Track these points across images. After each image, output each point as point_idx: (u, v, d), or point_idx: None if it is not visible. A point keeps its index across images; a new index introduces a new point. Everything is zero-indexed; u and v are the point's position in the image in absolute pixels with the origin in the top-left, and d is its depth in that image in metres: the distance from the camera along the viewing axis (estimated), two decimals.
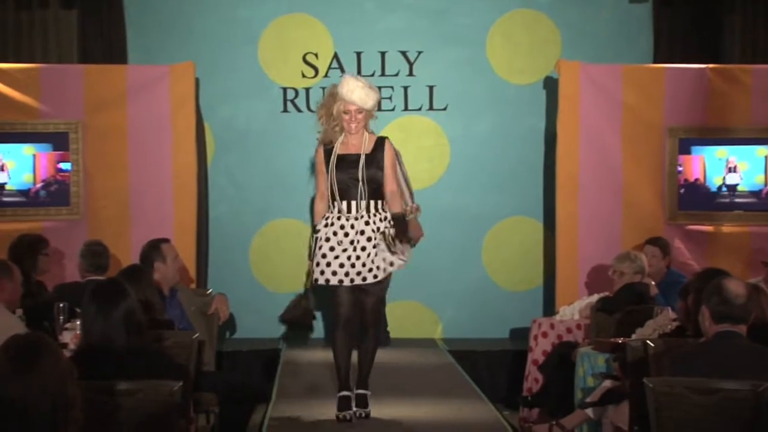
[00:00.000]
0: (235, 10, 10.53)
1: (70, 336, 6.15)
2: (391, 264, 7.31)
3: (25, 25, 10.87)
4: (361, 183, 7.21)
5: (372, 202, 7.28)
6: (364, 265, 7.19)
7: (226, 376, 7.57)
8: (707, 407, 5.16)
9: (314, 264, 7.27)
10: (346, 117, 7.19)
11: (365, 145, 7.31)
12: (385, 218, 7.34)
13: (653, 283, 8.50)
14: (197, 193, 9.83)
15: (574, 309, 9.12)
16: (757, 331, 5.75)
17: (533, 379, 8.48)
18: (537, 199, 10.65)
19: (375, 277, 7.22)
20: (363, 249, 7.20)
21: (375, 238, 7.24)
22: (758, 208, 9.91)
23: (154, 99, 9.65)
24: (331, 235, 7.22)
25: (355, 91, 7.17)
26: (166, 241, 8.26)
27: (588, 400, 7.05)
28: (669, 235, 9.44)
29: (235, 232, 10.58)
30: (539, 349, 8.58)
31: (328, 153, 7.33)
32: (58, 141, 9.62)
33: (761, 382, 5.12)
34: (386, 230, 7.31)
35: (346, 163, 7.26)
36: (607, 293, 8.62)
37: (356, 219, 7.25)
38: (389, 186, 7.40)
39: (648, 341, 6.37)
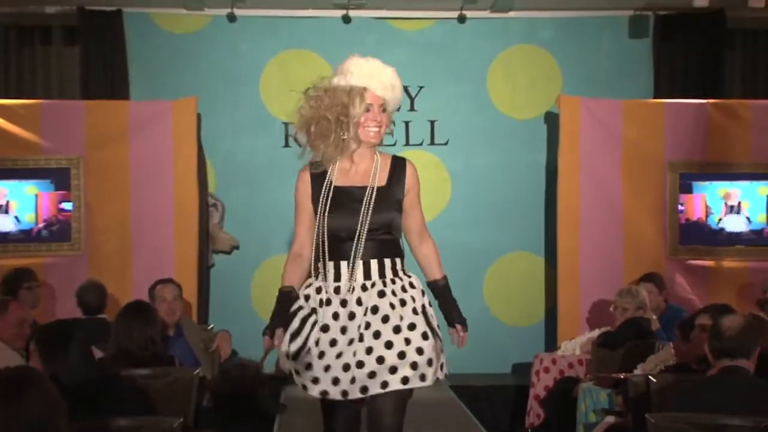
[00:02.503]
0: (237, 46, 10.58)
1: None
2: (433, 368, 4.61)
3: (27, 61, 10.96)
4: (367, 233, 4.65)
5: (387, 262, 4.70)
6: (380, 360, 4.48)
7: (225, 412, 7.54)
8: None
9: (300, 363, 4.66)
10: (364, 118, 4.63)
11: (377, 172, 4.75)
12: (411, 284, 4.74)
13: (655, 317, 8.50)
14: (198, 228, 9.83)
15: (575, 344, 9.12)
16: (762, 363, 5.76)
17: (535, 415, 8.46)
18: (538, 234, 10.65)
19: (404, 381, 4.50)
20: (377, 336, 4.53)
21: (401, 318, 4.57)
22: (758, 243, 9.92)
23: (156, 134, 9.65)
24: (330, 320, 4.61)
25: (382, 74, 4.74)
26: (163, 282, 8.27)
27: None
28: (670, 269, 9.45)
29: (237, 266, 10.57)
30: (541, 384, 8.58)
31: (317, 182, 4.78)
32: (59, 177, 9.61)
33: (763, 418, 5.14)
34: (420, 303, 4.71)
35: (348, 201, 4.69)
36: (608, 328, 8.61)
37: (363, 289, 4.62)
38: (415, 224, 4.90)
39: (650, 376, 6.38)
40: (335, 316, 4.67)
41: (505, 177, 10.61)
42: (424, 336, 4.64)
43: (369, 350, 4.56)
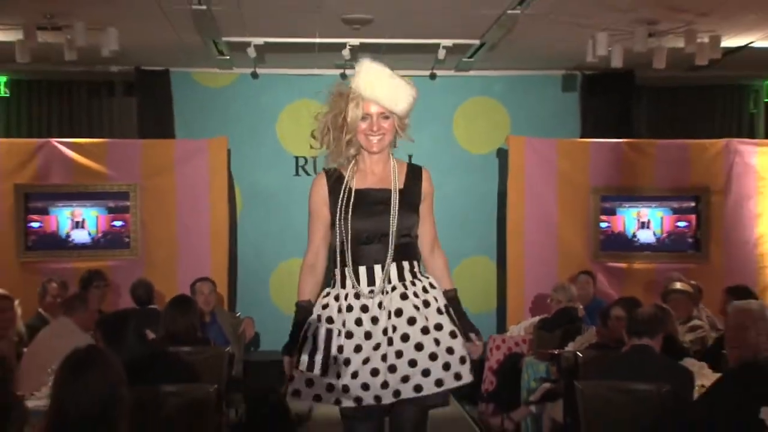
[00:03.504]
0: (258, 97, 10.59)
1: None
2: (467, 365, 3.73)
3: (95, 109, 10.95)
4: (392, 237, 3.75)
5: (406, 264, 3.81)
6: (413, 364, 3.63)
7: (250, 382, 7.54)
8: (623, 404, 5.19)
9: (317, 373, 3.70)
10: (364, 125, 3.79)
11: (396, 176, 3.90)
12: (431, 285, 3.86)
13: (582, 307, 8.53)
14: (228, 239, 9.85)
15: (520, 327, 9.14)
16: (666, 344, 5.80)
17: (489, 382, 8.45)
18: (492, 243, 10.66)
19: (438, 383, 3.64)
20: (405, 339, 3.66)
21: (426, 319, 3.71)
22: (660, 250, 9.97)
23: (195, 166, 9.68)
24: (353, 326, 3.71)
25: (379, 83, 3.79)
26: (201, 279, 8.30)
27: (531, 398, 7.06)
28: (593, 270, 9.47)
29: (258, 268, 10.56)
30: (494, 358, 8.57)
31: (335, 186, 3.85)
32: (120, 199, 9.65)
33: (663, 384, 5.18)
34: (443, 303, 3.83)
35: (369, 204, 3.81)
36: (546, 315, 8.63)
37: (384, 294, 3.73)
38: (429, 236, 4.01)
39: (578, 352, 6.41)
40: (358, 322, 3.72)
41: (466, 198, 10.62)
42: (453, 335, 3.73)
43: (399, 354, 3.65)
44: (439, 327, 3.73)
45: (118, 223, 9.70)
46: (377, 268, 3.77)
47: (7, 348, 6.11)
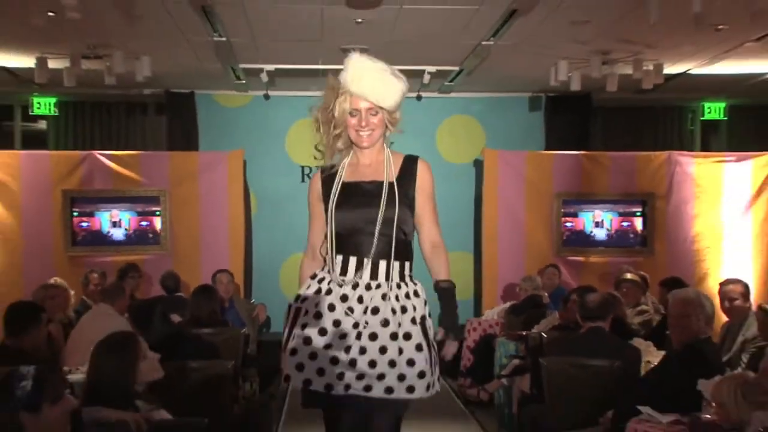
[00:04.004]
0: (270, 115, 10.56)
1: None
2: (425, 381, 3.23)
3: (131, 126, 10.95)
4: (379, 229, 3.24)
5: (396, 264, 3.28)
6: (372, 365, 3.17)
7: (263, 359, 7.53)
8: (581, 377, 5.21)
9: (287, 350, 3.27)
10: (353, 120, 3.30)
11: (388, 168, 3.37)
12: (416, 293, 3.33)
13: (546, 294, 8.53)
14: (244, 237, 9.82)
15: (494, 312, 9.14)
16: (616, 325, 5.81)
17: (467, 359, 8.44)
18: (470, 241, 10.66)
19: (388, 390, 3.18)
20: (373, 338, 3.19)
21: (399, 325, 3.21)
22: (612, 245, 9.98)
23: (216, 175, 9.64)
24: (324, 309, 3.24)
25: (366, 77, 3.26)
26: (221, 271, 8.29)
27: (503, 372, 7.04)
28: (556, 263, 9.48)
29: (269, 261, 10.54)
30: (471, 338, 8.56)
31: (327, 181, 3.40)
32: (152, 202, 9.63)
33: (615, 360, 5.18)
34: (420, 314, 3.30)
35: (357, 195, 3.32)
36: (515, 302, 8.64)
37: (367, 289, 3.24)
38: (429, 234, 3.45)
39: (543, 333, 6.42)
40: (330, 307, 3.22)
41: (448, 202, 10.48)
42: (418, 347, 3.21)
43: (363, 350, 3.16)
44: (407, 336, 3.21)
45: (144, 223, 9.68)
46: (365, 261, 3.24)
47: (55, 330, 6.09)
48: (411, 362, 3.20)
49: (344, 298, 3.23)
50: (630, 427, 4.17)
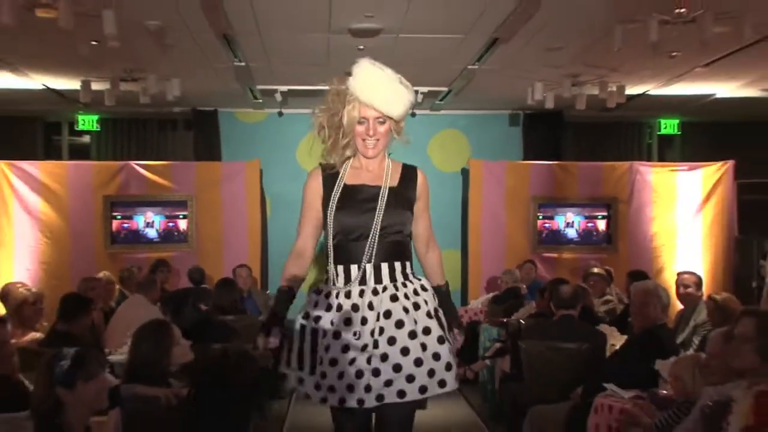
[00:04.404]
0: (283, 130, 10.45)
1: None
2: (452, 372, 2.89)
3: (162, 139, 10.97)
4: (380, 232, 2.89)
5: (398, 265, 2.93)
6: (398, 369, 2.79)
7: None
8: (555, 358, 5.23)
9: (306, 372, 2.86)
10: (361, 129, 2.96)
11: (389, 175, 3.05)
12: (423, 287, 2.99)
13: (524, 286, 8.55)
14: (261, 236, 9.83)
15: (478, 302, 9.17)
16: (585, 314, 5.83)
17: None
18: (458, 239, 10.65)
19: (422, 390, 2.81)
20: (392, 342, 2.80)
21: (415, 322, 2.85)
22: (581, 244, 9.99)
23: (236, 182, 9.66)
24: (342, 326, 2.84)
25: (376, 87, 2.93)
26: (240, 266, 8.31)
27: (487, 354, 7.07)
28: (533, 259, 9.50)
29: (283, 257, 10.14)
30: None
31: (328, 181, 3.01)
32: (181, 206, 9.63)
33: (584, 343, 5.20)
34: (433, 306, 2.96)
35: (359, 199, 2.95)
36: (497, 293, 8.67)
37: (374, 293, 2.87)
38: (426, 238, 3.17)
39: (521, 320, 6.44)
40: (347, 322, 2.80)
41: (439, 205, 10.39)
42: (440, 340, 2.84)
43: (384, 357, 2.75)
44: (427, 331, 2.83)
45: (171, 224, 9.68)
46: (368, 267, 2.83)
47: (97, 317, 6.14)
48: (437, 356, 2.83)
49: (355, 308, 2.82)
50: (597, 402, 4.20)
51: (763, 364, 3.17)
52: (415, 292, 2.93)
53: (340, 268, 2.90)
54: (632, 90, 9.13)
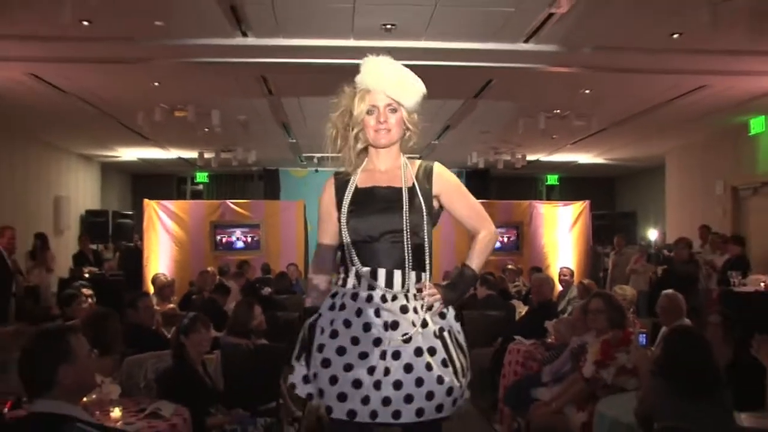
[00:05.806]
0: (320, 181, 10.43)
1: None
2: (452, 397, 1.47)
3: (242, 188, 11.10)
4: (394, 236, 1.51)
5: (412, 275, 1.51)
6: (398, 386, 1.41)
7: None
8: (483, 320, 5.07)
9: (310, 372, 1.50)
10: (371, 119, 1.59)
11: (405, 174, 1.62)
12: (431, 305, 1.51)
13: None
14: (304, 245, 9.68)
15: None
16: (502, 293, 5.77)
17: None
18: None
19: (419, 413, 1.41)
20: (396, 356, 1.43)
21: (421, 339, 1.46)
22: (502, 250, 9.77)
23: (289, 213, 9.50)
24: (340, 326, 1.49)
25: (384, 72, 1.55)
26: (291, 264, 8.29)
27: None
28: None
29: None
30: None
31: (341, 186, 1.70)
32: (256, 227, 9.48)
33: (501, 312, 5.07)
34: (439, 326, 1.54)
35: (372, 201, 1.58)
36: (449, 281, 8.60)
37: (383, 300, 1.47)
38: (472, 219, 1.82)
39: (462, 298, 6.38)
40: (347, 323, 1.62)
41: None
42: (444, 363, 1.61)
43: (387, 371, 1.57)
44: (432, 351, 1.62)
45: (250, 238, 9.53)
46: (381, 273, 1.64)
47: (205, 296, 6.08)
48: (440, 380, 1.60)
49: (359, 312, 1.64)
50: (510, 347, 4.20)
51: (610, 327, 3.28)
52: (425, 308, 1.68)
53: (350, 271, 1.69)
54: (531, 157, 9.30)
